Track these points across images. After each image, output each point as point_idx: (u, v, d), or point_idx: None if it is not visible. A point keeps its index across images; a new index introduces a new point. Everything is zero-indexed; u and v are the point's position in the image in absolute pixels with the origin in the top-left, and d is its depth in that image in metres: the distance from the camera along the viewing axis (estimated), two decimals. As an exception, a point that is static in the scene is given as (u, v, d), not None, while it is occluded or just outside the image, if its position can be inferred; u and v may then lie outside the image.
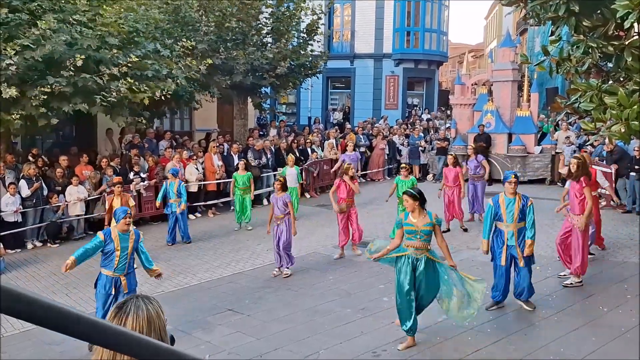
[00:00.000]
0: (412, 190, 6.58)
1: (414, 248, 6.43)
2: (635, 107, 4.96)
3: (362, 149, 19.09)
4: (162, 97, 11.91)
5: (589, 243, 9.05)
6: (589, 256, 9.21)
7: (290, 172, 13.54)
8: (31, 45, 10.00)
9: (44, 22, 10.00)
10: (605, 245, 10.29)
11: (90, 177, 12.84)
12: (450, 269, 6.56)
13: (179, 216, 11.94)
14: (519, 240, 7.26)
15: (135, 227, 7.18)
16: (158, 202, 12.53)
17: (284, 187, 9.72)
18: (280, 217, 9.50)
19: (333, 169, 16.44)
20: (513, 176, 7.45)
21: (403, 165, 12.61)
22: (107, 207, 10.83)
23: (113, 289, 6.71)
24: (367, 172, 19.30)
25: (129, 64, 11.08)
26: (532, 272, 7.48)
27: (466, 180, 12.74)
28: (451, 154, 12.98)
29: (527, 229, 7.24)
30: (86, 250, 6.69)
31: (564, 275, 8.64)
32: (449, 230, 12.10)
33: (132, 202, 10.67)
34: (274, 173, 15.39)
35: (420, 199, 6.43)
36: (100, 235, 6.75)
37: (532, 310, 7.42)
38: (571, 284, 8.33)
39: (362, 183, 18.71)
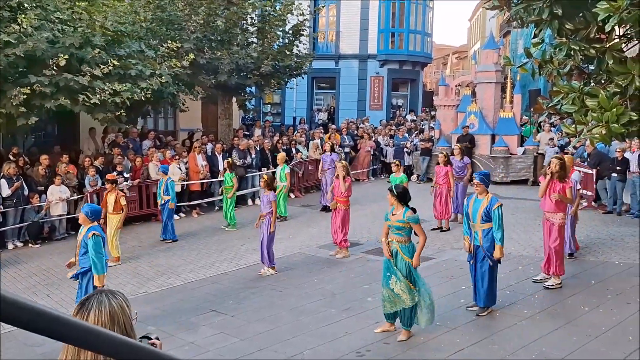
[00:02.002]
0: (393, 187, 6.91)
1: (394, 241, 6.78)
2: (616, 109, 5.03)
3: (347, 149, 19.12)
4: (144, 97, 11.82)
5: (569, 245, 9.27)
6: (569, 258, 9.40)
7: (278, 170, 13.82)
8: (12, 42, 9.87)
9: (24, 17, 9.88)
10: (579, 244, 10.33)
11: (69, 178, 12.68)
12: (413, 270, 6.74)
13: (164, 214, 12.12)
14: (483, 241, 7.29)
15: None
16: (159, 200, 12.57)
17: (269, 185, 9.75)
18: (264, 215, 9.60)
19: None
20: (476, 180, 7.47)
21: (394, 161, 12.68)
22: (102, 202, 10.96)
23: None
24: (352, 172, 19.31)
25: (110, 65, 10.97)
26: (494, 279, 7.42)
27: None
28: (443, 153, 13.05)
29: (494, 231, 7.22)
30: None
31: (540, 279, 8.58)
32: (441, 228, 12.18)
33: (123, 201, 10.72)
34: (259, 173, 15.36)
35: (397, 196, 6.71)
36: (97, 234, 6.95)
37: (483, 315, 7.34)
38: (552, 286, 8.36)
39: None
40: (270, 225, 9.51)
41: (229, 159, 14.02)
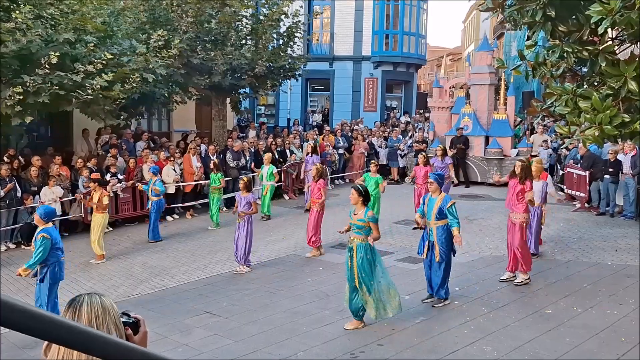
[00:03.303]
0: (358, 186, 7.31)
1: (354, 239, 7.10)
2: (609, 111, 5.05)
3: (341, 151, 19.13)
4: (137, 92, 11.81)
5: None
6: (534, 257, 9.65)
7: (265, 171, 14.04)
8: (6, 40, 9.82)
9: (19, 13, 9.83)
10: (542, 239, 10.59)
11: (62, 179, 12.64)
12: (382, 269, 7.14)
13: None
14: (437, 238, 7.65)
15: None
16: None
17: (248, 188, 10.00)
18: (242, 216, 9.77)
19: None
20: (431, 179, 7.90)
21: (373, 161, 12.88)
22: (88, 200, 11.34)
23: None
24: (346, 174, 19.35)
25: (103, 61, 10.95)
26: (448, 273, 7.78)
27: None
28: (423, 154, 13.35)
29: (450, 222, 7.60)
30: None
31: (506, 278, 8.77)
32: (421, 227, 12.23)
33: (106, 200, 10.93)
34: (253, 174, 15.36)
35: (364, 195, 7.11)
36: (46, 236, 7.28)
37: (440, 307, 7.71)
38: (521, 282, 8.55)
39: (341, 185, 18.78)
40: (249, 225, 9.77)
41: (215, 160, 14.21)
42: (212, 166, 13.72)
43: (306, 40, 23.66)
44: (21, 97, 10.14)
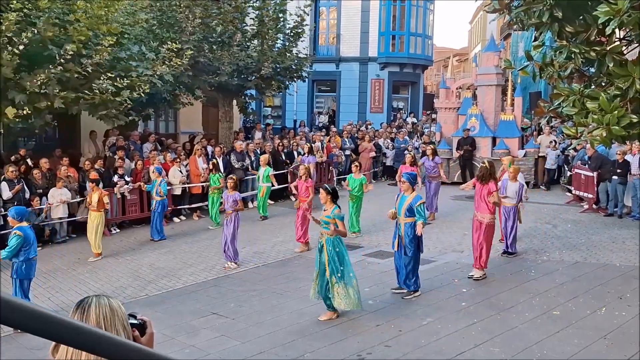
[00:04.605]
0: (326, 186, 7.85)
1: (324, 234, 7.50)
2: (617, 112, 5.03)
3: (347, 152, 19.13)
4: (144, 94, 11.86)
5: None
6: (512, 256, 10.16)
7: (261, 172, 14.30)
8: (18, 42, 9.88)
9: (41, 27, 9.90)
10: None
11: (70, 181, 12.71)
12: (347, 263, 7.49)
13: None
14: (405, 234, 8.08)
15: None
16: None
17: (235, 187, 10.47)
18: (229, 213, 10.17)
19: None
20: (403, 179, 8.37)
21: (355, 163, 13.11)
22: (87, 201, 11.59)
23: None
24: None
25: (111, 60, 11.04)
26: (416, 267, 8.21)
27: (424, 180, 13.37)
28: (410, 154, 13.72)
29: (417, 219, 8.03)
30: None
31: (472, 274, 9.11)
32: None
33: (106, 200, 11.35)
34: (259, 175, 15.39)
35: (332, 194, 7.58)
36: (19, 233, 7.71)
37: (411, 299, 8.10)
38: (478, 277, 8.93)
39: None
40: (236, 222, 10.14)
41: (214, 160, 14.37)
42: (210, 166, 13.96)
43: (312, 38, 23.64)
44: (29, 98, 10.18)
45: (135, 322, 1.96)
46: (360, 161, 18.78)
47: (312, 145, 18.22)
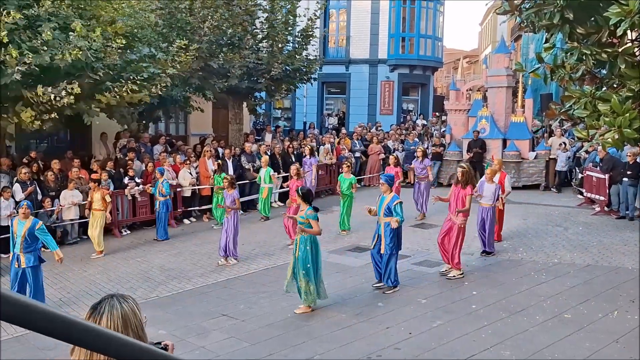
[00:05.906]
0: (299, 189, 8.43)
1: (298, 232, 7.96)
2: (629, 114, 5.00)
3: (357, 154, 19.11)
4: (156, 97, 11.96)
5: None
6: (490, 255, 10.37)
7: (263, 173, 14.44)
8: (30, 53, 9.91)
9: (47, 33, 9.94)
10: (501, 236, 11.34)
11: (81, 182, 12.81)
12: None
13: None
14: (385, 234, 8.45)
15: (35, 217, 8.77)
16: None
17: (232, 185, 10.74)
18: (229, 211, 10.55)
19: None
20: (382, 180, 8.87)
21: (345, 163, 13.48)
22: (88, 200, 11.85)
23: (16, 263, 8.26)
24: (363, 177, 19.31)
25: (123, 63, 11.11)
26: (394, 264, 8.55)
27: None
28: (394, 155, 14.27)
29: (394, 215, 8.37)
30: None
31: (445, 270, 9.41)
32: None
33: (108, 199, 11.67)
34: (260, 176, 15.47)
35: (302, 196, 8.05)
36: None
37: (390, 293, 8.48)
38: (454, 276, 9.19)
39: (357, 188, 18.71)
40: (235, 219, 10.51)
41: (219, 161, 14.49)
42: (214, 167, 14.09)
43: (321, 40, 23.64)
44: (41, 107, 10.28)
45: (158, 347, 1.94)
46: (370, 163, 18.83)
47: (317, 147, 18.26)
